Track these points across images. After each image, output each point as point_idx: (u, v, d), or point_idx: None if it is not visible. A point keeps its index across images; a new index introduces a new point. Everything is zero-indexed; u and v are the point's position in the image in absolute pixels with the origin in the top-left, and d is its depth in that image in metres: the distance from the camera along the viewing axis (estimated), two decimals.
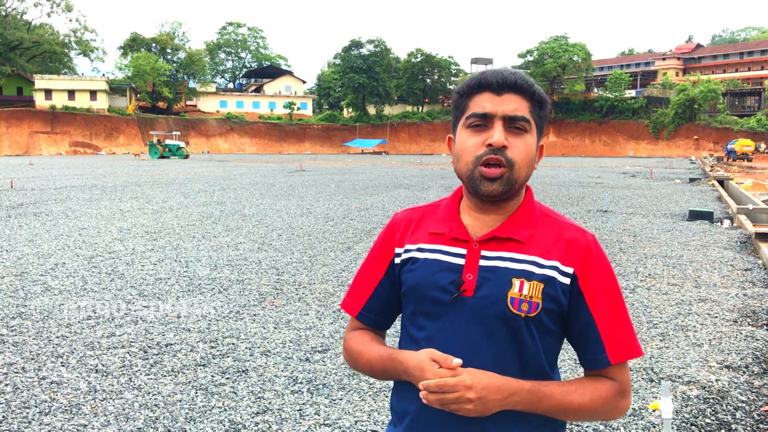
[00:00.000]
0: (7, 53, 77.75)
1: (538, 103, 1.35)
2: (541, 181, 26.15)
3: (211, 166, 39.85)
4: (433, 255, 1.39)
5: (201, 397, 3.91)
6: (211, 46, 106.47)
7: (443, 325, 1.35)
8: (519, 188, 1.36)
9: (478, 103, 1.33)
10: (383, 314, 1.51)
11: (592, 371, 1.39)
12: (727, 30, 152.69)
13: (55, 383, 4.11)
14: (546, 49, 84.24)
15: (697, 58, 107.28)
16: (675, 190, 21.62)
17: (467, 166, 1.33)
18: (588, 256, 1.36)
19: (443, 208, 1.46)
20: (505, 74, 1.33)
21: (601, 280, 1.36)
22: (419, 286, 1.38)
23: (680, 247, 9.64)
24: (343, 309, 1.57)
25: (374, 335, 1.51)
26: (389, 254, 1.48)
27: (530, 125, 1.33)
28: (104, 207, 14.76)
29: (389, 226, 1.51)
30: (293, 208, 14.65)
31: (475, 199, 1.38)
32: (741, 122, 73.08)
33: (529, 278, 1.32)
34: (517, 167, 1.31)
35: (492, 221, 1.38)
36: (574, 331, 1.38)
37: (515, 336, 1.32)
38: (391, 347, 1.43)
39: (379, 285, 1.49)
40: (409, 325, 1.43)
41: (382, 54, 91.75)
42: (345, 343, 1.53)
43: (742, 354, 4.82)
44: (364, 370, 1.47)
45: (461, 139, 1.36)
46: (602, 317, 1.35)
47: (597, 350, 1.35)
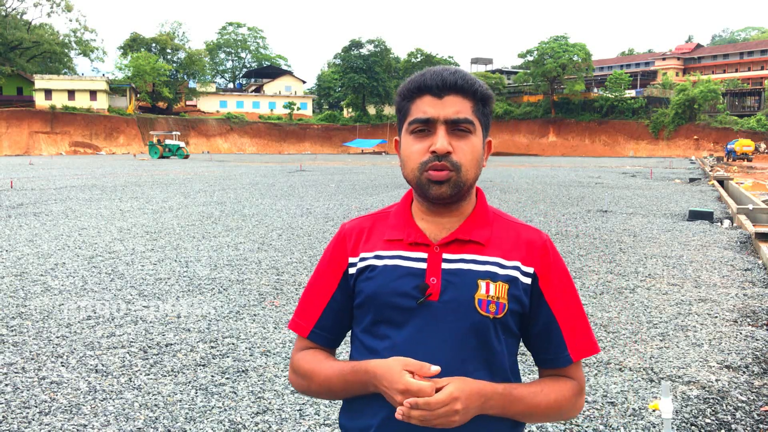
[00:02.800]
0: (7, 53, 77.74)
1: (482, 101, 1.32)
2: (541, 181, 26.15)
3: (211, 166, 39.85)
4: (393, 261, 1.34)
5: (201, 397, 3.91)
6: (211, 46, 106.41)
7: (409, 332, 1.30)
8: (468, 189, 1.34)
9: (420, 107, 1.30)
10: (336, 331, 1.44)
11: (550, 370, 1.39)
12: (727, 30, 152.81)
13: (55, 383, 4.11)
14: (546, 49, 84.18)
15: (697, 58, 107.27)
16: (675, 190, 21.61)
17: (413, 172, 1.31)
18: (546, 256, 1.37)
19: (395, 215, 1.42)
20: (445, 75, 1.29)
21: (559, 280, 1.37)
22: (380, 294, 1.32)
23: (680, 247, 9.64)
24: (291, 330, 1.49)
25: (327, 353, 1.43)
26: (342, 265, 1.41)
27: (474, 126, 1.31)
28: (104, 207, 14.75)
29: (339, 237, 1.44)
30: (293, 208, 14.65)
31: (427, 202, 1.35)
32: (741, 122, 73.03)
33: (494, 279, 1.31)
34: (464, 170, 1.29)
35: (448, 224, 1.36)
36: (534, 332, 1.38)
37: (483, 339, 1.31)
38: (350, 360, 1.37)
39: (331, 299, 1.42)
40: (366, 336, 1.36)
41: (382, 54, 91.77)
42: (294, 364, 1.43)
43: (742, 354, 4.82)
44: (318, 390, 1.38)
45: (406, 144, 1.33)
46: (563, 316, 1.36)
47: (560, 349, 1.37)
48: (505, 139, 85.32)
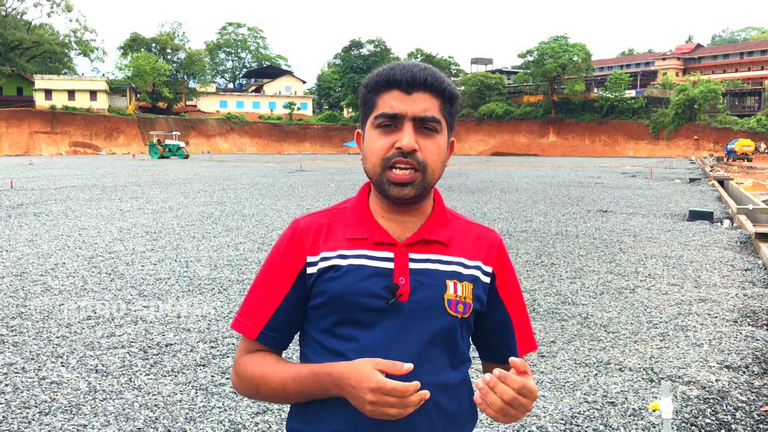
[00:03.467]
0: (7, 53, 77.74)
1: (449, 100, 1.30)
2: (541, 181, 26.15)
3: (211, 166, 39.85)
4: (358, 260, 1.30)
5: (201, 397, 3.91)
6: (211, 46, 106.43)
7: (379, 333, 1.27)
8: (430, 191, 1.33)
9: (387, 102, 1.26)
10: (286, 333, 1.37)
11: (496, 365, 1.41)
12: (727, 30, 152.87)
13: (55, 383, 4.11)
14: (546, 49, 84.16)
15: (697, 58, 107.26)
16: (675, 190, 21.61)
17: (375, 168, 1.28)
18: (502, 256, 1.40)
19: (352, 211, 1.37)
20: (414, 71, 1.26)
21: (512, 279, 1.42)
22: (346, 294, 1.28)
23: (680, 247, 9.64)
24: (236, 331, 1.41)
25: (277, 356, 1.37)
26: (298, 264, 1.34)
27: (441, 125, 1.28)
28: (104, 207, 14.76)
29: (293, 233, 1.36)
30: (293, 208, 14.65)
31: (387, 200, 1.32)
32: (741, 122, 73.01)
33: (460, 279, 1.32)
34: (430, 170, 1.27)
35: (411, 223, 1.34)
36: (488, 329, 1.42)
37: (451, 338, 1.31)
38: (305, 363, 1.31)
39: (284, 300, 1.34)
40: (327, 337, 1.31)
41: (382, 54, 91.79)
42: (239, 368, 1.35)
43: (742, 354, 4.82)
44: (270, 394, 1.31)
45: (369, 138, 1.29)
46: (515, 315, 1.42)
47: (511, 345, 1.42)
48: (505, 139, 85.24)
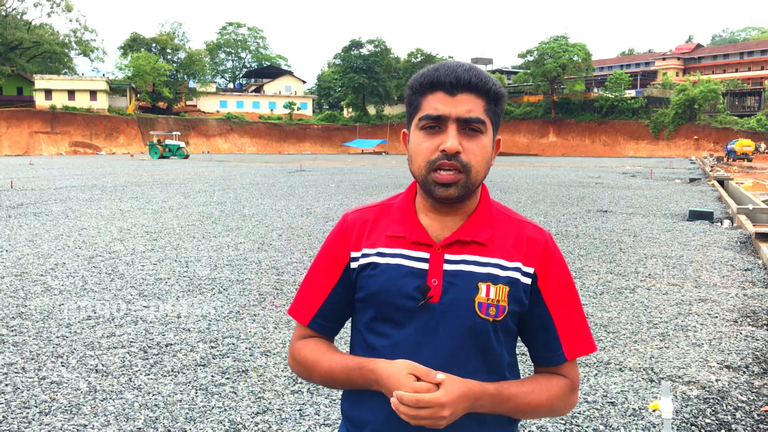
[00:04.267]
0: (7, 53, 77.75)
1: (494, 100, 1.30)
2: (541, 181, 26.15)
3: (211, 166, 39.85)
4: (395, 260, 1.33)
5: (201, 397, 3.91)
6: (211, 46, 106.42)
7: (409, 333, 1.30)
8: (475, 190, 1.33)
9: (431, 103, 1.28)
10: (336, 321, 1.44)
11: (545, 368, 1.40)
12: (727, 30, 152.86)
13: (55, 383, 4.11)
14: (546, 49, 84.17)
15: (697, 58, 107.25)
16: (675, 190, 21.61)
17: (420, 170, 1.29)
18: (547, 255, 1.36)
19: (398, 208, 1.40)
20: (459, 72, 1.26)
21: (557, 278, 1.37)
22: (382, 292, 1.32)
23: (680, 247, 9.64)
24: (291, 316, 1.48)
25: (329, 344, 1.44)
26: (344, 258, 1.40)
27: (485, 126, 1.29)
28: (104, 207, 14.76)
29: (341, 227, 1.43)
30: (293, 208, 14.65)
31: (431, 199, 1.34)
32: (741, 122, 73.01)
33: (494, 282, 1.30)
34: (474, 171, 1.28)
35: (451, 222, 1.35)
36: (530, 329, 1.39)
37: (483, 341, 1.31)
38: (354, 355, 1.38)
39: (333, 291, 1.41)
40: (366, 332, 1.37)
41: (382, 54, 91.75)
42: (295, 352, 1.44)
43: (742, 354, 4.82)
44: (320, 379, 1.39)
45: (415, 140, 1.31)
46: (559, 315, 1.36)
47: (554, 347, 1.37)
48: (505, 139, 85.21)
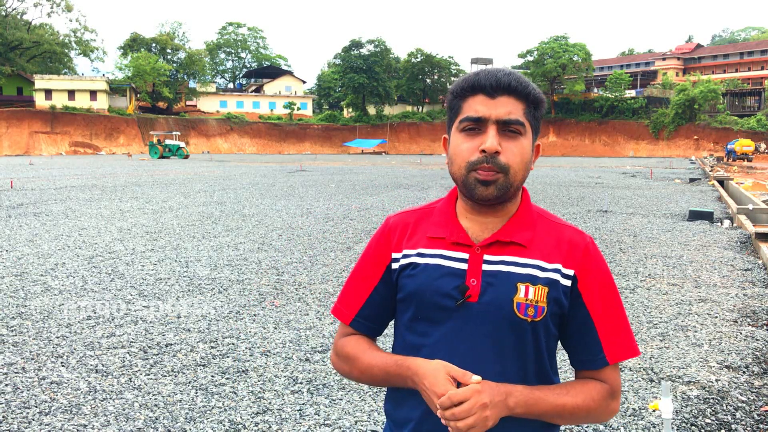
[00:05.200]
0: (7, 53, 77.73)
1: (534, 104, 1.33)
2: (541, 181, 26.15)
3: (211, 166, 39.85)
4: (435, 260, 1.36)
5: (201, 397, 3.91)
6: (211, 46, 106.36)
7: (447, 332, 1.33)
8: (515, 191, 1.34)
9: (472, 106, 1.31)
10: (378, 321, 1.48)
11: (585, 372, 1.39)
12: (727, 30, 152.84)
13: (55, 383, 4.11)
14: (546, 49, 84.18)
15: (697, 58, 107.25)
16: (675, 190, 21.61)
17: (460, 171, 1.32)
18: (587, 258, 1.36)
19: (439, 211, 1.43)
20: (499, 76, 1.30)
21: (599, 281, 1.36)
22: (421, 292, 1.35)
23: (680, 247, 9.64)
24: (334, 315, 1.52)
25: (370, 341, 1.47)
26: (385, 259, 1.44)
27: (525, 128, 1.31)
28: (104, 207, 14.76)
29: (383, 230, 1.47)
30: (293, 208, 14.65)
31: (471, 201, 1.36)
32: (741, 122, 73.02)
33: (533, 282, 1.31)
34: (512, 172, 1.30)
35: (492, 224, 1.37)
36: (570, 332, 1.38)
37: (520, 341, 1.32)
38: (394, 354, 1.40)
39: (374, 291, 1.45)
40: (406, 331, 1.39)
41: (382, 54, 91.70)
42: (338, 349, 1.48)
43: (742, 354, 4.82)
44: (360, 376, 1.43)
45: (455, 142, 1.34)
46: (600, 318, 1.35)
47: (595, 351, 1.36)
48: None
